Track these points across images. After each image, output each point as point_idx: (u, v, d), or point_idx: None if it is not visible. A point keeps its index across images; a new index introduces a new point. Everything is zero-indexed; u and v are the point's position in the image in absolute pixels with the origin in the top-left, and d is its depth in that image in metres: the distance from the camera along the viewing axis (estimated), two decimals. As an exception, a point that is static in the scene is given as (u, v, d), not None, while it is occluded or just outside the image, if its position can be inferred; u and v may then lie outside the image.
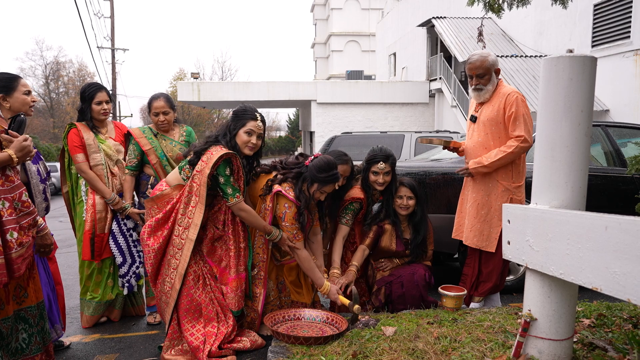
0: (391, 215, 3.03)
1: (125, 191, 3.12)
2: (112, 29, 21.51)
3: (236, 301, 2.59)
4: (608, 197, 3.83)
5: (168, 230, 2.52)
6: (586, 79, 1.72)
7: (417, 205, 3.02)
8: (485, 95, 2.94)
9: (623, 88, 11.09)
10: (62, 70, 40.05)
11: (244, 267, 2.65)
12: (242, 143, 2.57)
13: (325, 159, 2.65)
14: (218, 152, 2.45)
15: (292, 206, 2.63)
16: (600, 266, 1.45)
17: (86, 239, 3.03)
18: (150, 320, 3.21)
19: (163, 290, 2.55)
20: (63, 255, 5.70)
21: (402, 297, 2.89)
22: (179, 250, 2.50)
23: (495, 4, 5.76)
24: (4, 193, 1.90)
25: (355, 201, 2.99)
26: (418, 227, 3.02)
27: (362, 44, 36.00)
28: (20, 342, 2.08)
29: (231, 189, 2.49)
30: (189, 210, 2.49)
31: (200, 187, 2.47)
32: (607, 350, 1.91)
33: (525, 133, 2.78)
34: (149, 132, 3.19)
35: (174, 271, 2.51)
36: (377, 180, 2.99)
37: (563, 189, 1.74)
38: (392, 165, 2.99)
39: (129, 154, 3.15)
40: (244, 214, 2.55)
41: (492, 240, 2.92)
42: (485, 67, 2.89)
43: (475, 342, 2.10)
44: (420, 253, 3.04)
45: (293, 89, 18.79)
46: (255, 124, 2.58)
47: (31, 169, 2.34)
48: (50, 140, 32.12)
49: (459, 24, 16.51)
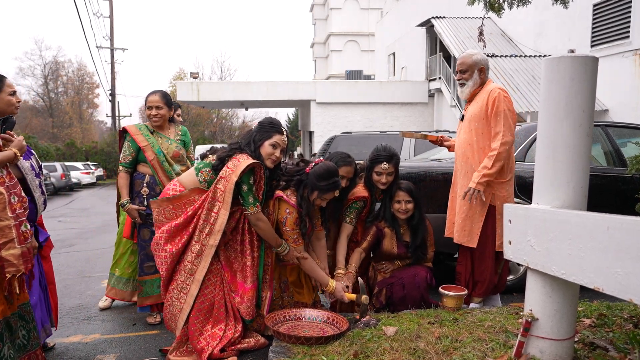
0: (389, 220, 3.02)
1: (121, 188, 3.13)
2: (111, 29, 21.51)
3: (251, 310, 2.59)
4: (608, 197, 3.83)
5: (188, 235, 2.50)
6: (588, 79, 1.72)
7: (415, 208, 3.02)
8: (466, 91, 3.01)
9: (622, 88, 11.10)
10: (61, 70, 40.06)
11: (256, 276, 2.65)
12: (266, 155, 2.57)
13: (325, 166, 2.63)
14: (245, 161, 2.45)
15: (294, 212, 2.63)
16: (602, 266, 1.45)
17: (129, 220, 3.25)
18: (150, 321, 3.21)
19: (176, 296, 2.51)
20: (63, 255, 5.69)
21: (403, 299, 2.89)
22: (198, 256, 2.48)
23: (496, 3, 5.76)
24: (12, 188, 2.04)
25: (359, 200, 2.99)
26: (416, 229, 3.02)
27: (361, 43, 36.00)
28: (21, 339, 2.12)
29: (252, 198, 2.49)
30: (211, 216, 2.47)
31: (225, 194, 2.45)
32: (608, 350, 1.92)
33: (504, 129, 2.80)
34: (145, 129, 3.19)
35: (191, 277, 2.49)
36: (380, 180, 2.98)
37: (565, 189, 1.75)
38: (395, 166, 2.99)
39: (124, 151, 3.14)
40: (262, 224, 2.54)
41: (474, 235, 2.94)
42: (468, 64, 2.96)
43: (477, 341, 2.10)
44: (421, 255, 3.04)
45: (292, 89, 18.78)
46: (281, 138, 2.59)
47: (24, 165, 2.36)
48: (49, 140, 32.10)
49: (458, 23, 16.52)
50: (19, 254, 1.98)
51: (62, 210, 11.98)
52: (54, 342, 2.85)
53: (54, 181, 16.33)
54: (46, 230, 2.65)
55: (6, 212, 1.97)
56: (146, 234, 3.14)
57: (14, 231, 1.97)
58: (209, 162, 2.58)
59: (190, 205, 2.53)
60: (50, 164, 17.30)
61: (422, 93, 18.69)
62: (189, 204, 2.54)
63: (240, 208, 2.56)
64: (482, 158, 2.91)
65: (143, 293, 3.16)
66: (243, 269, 2.61)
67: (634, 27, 10.80)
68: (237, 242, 2.62)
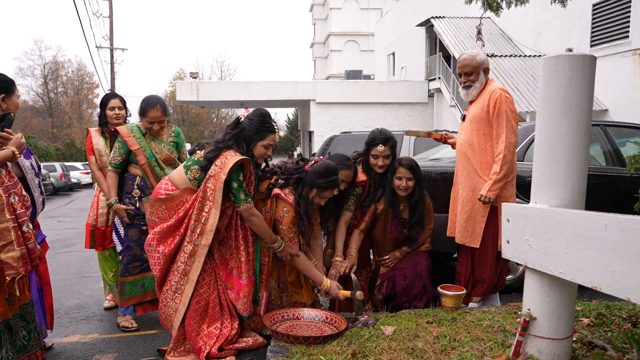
0: (389, 195, 2.98)
1: (109, 188, 3.07)
2: (110, 29, 21.49)
3: (248, 306, 2.58)
4: (607, 197, 3.83)
5: (180, 236, 2.48)
6: (585, 78, 1.72)
7: (416, 186, 2.97)
8: (473, 93, 2.97)
9: (622, 88, 11.10)
10: (60, 70, 40.07)
11: (252, 272, 2.64)
12: (258, 155, 2.57)
13: (325, 164, 2.62)
14: (233, 157, 2.43)
15: (291, 210, 2.62)
16: (599, 265, 1.45)
17: (88, 230, 3.35)
18: (126, 325, 3.08)
19: (171, 297, 2.50)
20: (62, 255, 5.69)
21: (406, 290, 2.89)
22: (191, 257, 2.47)
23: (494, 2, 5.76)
24: (11, 188, 2.03)
25: (357, 185, 2.97)
26: (415, 207, 2.98)
27: (361, 43, 36.01)
28: (21, 339, 2.12)
29: (244, 195, 2.47)
30: (202, 215, 2.45)
31: (215, 192, 2.43)
32: (606, 349, 1.91)
33: (507, 130, 2.79)
34: (138, 131, 3.11)
35: (184, 277, 2.48)
36: (377, 163, 2.96)
37: (562, 188, 1.74)
38: (392, 148, 2.96)
39: (114, 152, 3.07)
40: (255, 219, 2.52)
41: (477, 236, 2.94)
42: (473, 65, 2.93)
43: (475, 341, 2.10)
44: (416, 233, 3.00)
45: (292, 89, 18.78)
46: (274, 137, 2.57)
47: (24, 164, 2.36)
48: (48, 140, 32.10)
49: (457, 23, 16.53)
50: (18, 256, 1.97)
51: (62, 210, 11.98)
52: (52, 341, 2.85)
53: (53, 181, 16.31)
54: (42, 231, 2.65)
55: (4, 214, 1.95)
56: (134, 234, 3.06)
57: (12, 233, 1.96)
58: (197, 160, 2.54)
59: (182, 205, 2.51)
60: (49, 164, 17.29)
61: (422, 93, 18.69)
62: (181, 204, 2.51)
63: (232, 204, 2.55)
64: (482, 159, 2.90)
65: (125, 294, 3.05)
66: (238, 265, 2.60)
67: (634, 27, 10.80)
68: (232, 239, 2.61)
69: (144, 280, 3.08)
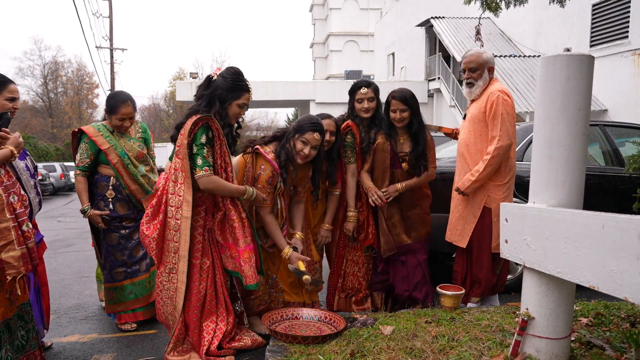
0: (386, 128, 2.97)
1: (80, 193, 2.95)
2: (110, 29, 21.50)
3: (252, 273, 2.48)
4: (606, 196, 3.84)
5: (163, 214, 2.40)
6: (584, 77, 1.72)
7: (413, 116, 2.94)
8: (476, 92, 2.95)
9: (621, 88, 11.11)
10: (60, 70, 40.02)
11: (250, 238, 2.54)
12: (233, 114, 2.48)
13: (307, 115, 2.73)
14: (192, 119, 2.36)
15: (268, 168, 2.61)
16: (597, 264, 1.45)
17: None
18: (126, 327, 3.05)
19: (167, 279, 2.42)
20: (62, 255, 5.69)
21: (406, 278, 2.94)
22: (176, 232, 2.37)
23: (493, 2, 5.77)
24: (11, 187, 2.04)
25: (345, 134, 2.97)
26: (417, 137, 2.93)
27: (360, 43, 36.01)
28: (20, 339, 2.12)
29: (201, 160, 2.34)
30: (177, 187, 2.37)
31: (183, 161, 2.34)
32: (604, 349, 1.92)
33: (501, 133, 2.75)
34: (105, 129, 2.98)
35: (175, 255, 2.39)
36: (362, 107, 2.96)
37: (561, 187, 1.75)
38: (375, 91, 2.98)
39: (81, 154, 2.94)
40: (212, 185, 2.37)
41: (465, 236, 2.95)
42: (478, 62, 2.91)
43: (473, 341, 2.10)
44: (422, 164, 2.95)
45: (292, 89, 18.80)
46: (248, 96, 2.51)
47: (19, 166, 2.36)
48: (48, 140, 32.10)
49: (457, 24, 16.54)
50: (18, 255, 1.97)
51: (62, 210, 11.98)
52: (52, 341, 2.85)
53: (53, 181, 16.29)
54: (39, 231, 2.64)
55: (4, 213, 1.96)
56: (113, 238, 3.00)
57: (13, 233, 1.97)
58: None
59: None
60: (49, 164, 17.30)
61: (422, 93, 18.68)
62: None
63: None
64: (478, 159, 2.89)
65: (113, 300, 3.02)
66: (232, 231, 2.50)
67: (633, 27, 10.81)
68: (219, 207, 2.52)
69: (130, 287, 3.03)
